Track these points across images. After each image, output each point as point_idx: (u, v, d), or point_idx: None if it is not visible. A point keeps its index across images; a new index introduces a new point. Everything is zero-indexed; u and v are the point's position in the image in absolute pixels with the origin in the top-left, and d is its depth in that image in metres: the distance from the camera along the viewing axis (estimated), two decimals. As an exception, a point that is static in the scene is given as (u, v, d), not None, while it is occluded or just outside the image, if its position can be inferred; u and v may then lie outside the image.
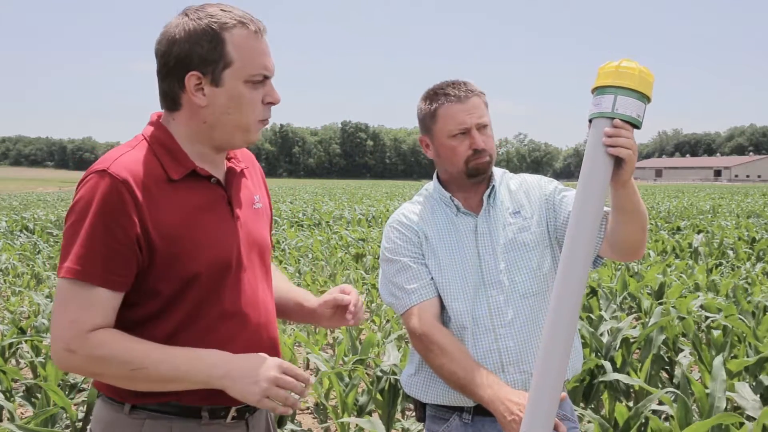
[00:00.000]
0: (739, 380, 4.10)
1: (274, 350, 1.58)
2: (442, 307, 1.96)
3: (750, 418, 3.77)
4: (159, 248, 1.42)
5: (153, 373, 1.40)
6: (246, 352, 1.48)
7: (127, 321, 1.45)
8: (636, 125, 1.55)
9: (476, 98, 1.95)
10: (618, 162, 1.58)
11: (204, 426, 1.50)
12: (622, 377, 3.83)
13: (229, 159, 1.61)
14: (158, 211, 1.43)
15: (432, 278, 1.96)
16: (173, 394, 1.46)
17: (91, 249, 1.38)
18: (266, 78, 1.50)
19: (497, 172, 2.07)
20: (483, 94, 1.99)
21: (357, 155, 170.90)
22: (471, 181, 1.98)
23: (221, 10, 1.46)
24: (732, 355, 4.60)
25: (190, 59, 1.44)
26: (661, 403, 3.83)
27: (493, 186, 2.01)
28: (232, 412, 1.52)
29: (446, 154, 1.97)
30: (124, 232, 1.39)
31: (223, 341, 1.48)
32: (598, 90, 1.56)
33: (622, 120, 1.53)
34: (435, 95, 1.96)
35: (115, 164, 1.42)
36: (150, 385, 1.43)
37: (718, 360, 3.58)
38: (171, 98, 1.49)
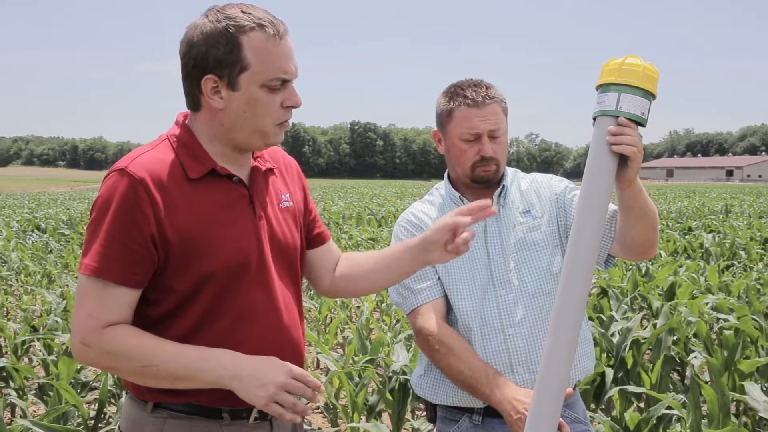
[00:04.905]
0: (750, 381, 4.07)
1: (296, 353, 1.57)
2: (450, 307, 1.97)
3: (762, 420, 3.75)
4: (175, 246, 1.43)
5: (162, 371, 1.41)
6: (265, 353, 1.46)
7: (147, 318, 1.47)
8: (641, 123, 1.53)
9: (494, 105, 1.93)
10: (623, 161, 1.57)
11: (225, 427, 1.49)
12: (631, 388, 3.82)
13: (255, 158, 1.59)
14: (175, 209, 1.43)
15: (439, 278, 1.96)
16: (193, 394, 1.46)
17: (108, 247, 1.40)
18: (285, 81, 1.48)
19: (509, 171, 2.06)
20: (503, 101, 1.97)
21: (367, 155, 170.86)
22: (475, 185, 1.99)
23: (241, 11, 1.44)
24: (744, 356, 4.57)
25: (207, 62, 1.43)
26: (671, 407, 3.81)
27: (504, 186, 2.01)
28: (255, 413, 1.52)
29: (455, 155, 1.97)
30: (139, 230, 1.40)
31: (241, 342, 1.47)
32: (602, 87, 1.54)
33: (626, 118, 1.51)
34: (455, 94, 1.95)
35: (133, 163, 1.44)
36: (160, 382, 1.44)
37: (716, 362, 3.56)
38: (192, 100, 1.50)
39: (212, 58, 1.42)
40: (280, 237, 1.58)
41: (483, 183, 1.97)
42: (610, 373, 3.97)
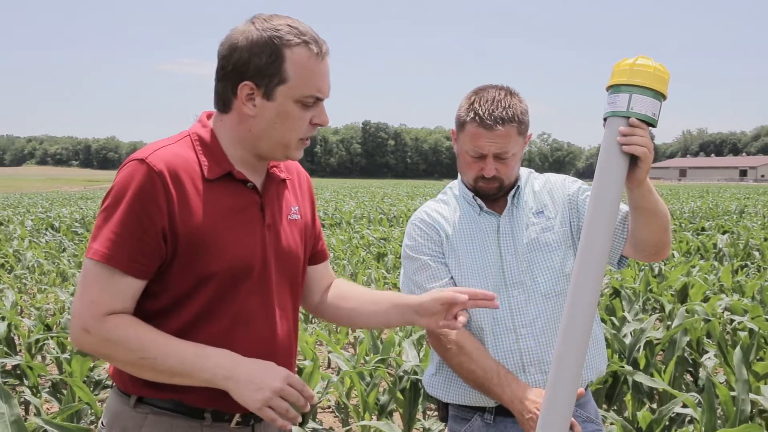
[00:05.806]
0: (765, 383, 4.04)
1: (287, 364, 1.56)
2: (463, 307, 1.96)
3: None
4: (183, 243, 1.44)
5: (160, 364, 1.41)
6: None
7: (145, 311, 1.47)
8: (652, 124, 1.54)
9: (507, 127, 1.86)
10: (633, 161, 1.57)
11: (206, 428, 1.50)
12: (645, 379, 3.79)
13: (271, 167, 1.61)
14: (188, 206, 1.44)
15: (451, 277, 1.96)
16: (178, 391, 1.46)
17: (119, 234, 1.40)
18: (318, 100, 1.50)
19: (523, 172, 2.06)
20: (521, 121, 1.89)
21: (378, 155, 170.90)
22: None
23: (288, 25, 1.46)
24: (758, 357, 4.53)
25: (247, 69, 1.44)
26: (684, 406, 3.79)
27: (519, 186, 2.00)
28: (237, 418, 1.52)
29: (462, 164, 1.98)
30: (152, 221, 1.41)
31: (233, 347, 1.47)
32: (613, 88, 1.54)
33: (637, 118, 1.52)
34: (472, 105, 1.90)
35: (154, 155, 1.44)
36: (156, 375, 1.44)
37: (737, 357, 3.52)
38: (223, 101, 1.51)
39: (253, 66, 1.44)
40: (285, 247, 1.59)
41: (484, 196, 1.98)
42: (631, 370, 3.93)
